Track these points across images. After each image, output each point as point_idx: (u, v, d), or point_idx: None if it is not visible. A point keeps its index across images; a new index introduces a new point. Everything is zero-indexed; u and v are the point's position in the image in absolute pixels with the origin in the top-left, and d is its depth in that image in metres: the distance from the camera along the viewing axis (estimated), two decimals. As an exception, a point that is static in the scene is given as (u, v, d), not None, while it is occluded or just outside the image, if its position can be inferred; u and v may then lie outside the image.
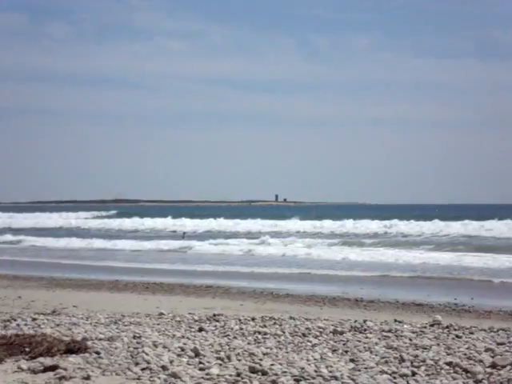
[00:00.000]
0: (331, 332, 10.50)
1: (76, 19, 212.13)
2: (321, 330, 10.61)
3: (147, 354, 8.51)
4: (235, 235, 47.82)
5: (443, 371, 8.09)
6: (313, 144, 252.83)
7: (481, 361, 8.52)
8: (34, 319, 11.53)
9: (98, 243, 40.97)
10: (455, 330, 10.91)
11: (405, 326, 11.21)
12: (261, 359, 8.48)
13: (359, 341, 9.79)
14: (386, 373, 7.95)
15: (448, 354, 8.92)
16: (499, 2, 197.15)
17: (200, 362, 8.29)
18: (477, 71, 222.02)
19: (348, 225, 51.97)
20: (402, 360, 8.50)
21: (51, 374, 7.75)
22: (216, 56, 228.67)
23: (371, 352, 9.02)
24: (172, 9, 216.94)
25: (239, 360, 8.44)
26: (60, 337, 9.38)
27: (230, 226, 56.95)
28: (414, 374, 7.92)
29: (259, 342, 9.71)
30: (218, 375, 7.75)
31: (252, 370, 7.89)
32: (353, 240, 41.50)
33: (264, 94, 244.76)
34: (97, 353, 8.61)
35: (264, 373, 7.83)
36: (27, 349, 8.65)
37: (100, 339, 9.57)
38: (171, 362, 8.26)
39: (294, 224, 55.23)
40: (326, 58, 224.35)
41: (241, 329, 10.76)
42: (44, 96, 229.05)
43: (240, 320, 11.69)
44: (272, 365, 8.14)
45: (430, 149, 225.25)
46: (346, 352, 9.05)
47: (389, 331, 10.63)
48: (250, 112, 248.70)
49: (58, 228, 62.61)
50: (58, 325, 10.95)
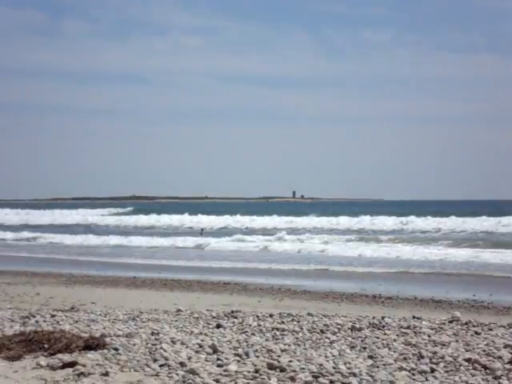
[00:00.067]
0: (349, 328, 10.47)
1: (92, 16, 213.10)
2: (339, 327, 10.58)
3: (165, 351, 8.52)
4: (252, 232, 47.81)
5: (462, 368, 8.05)
6: (330, 140, 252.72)
7: (500, 357, 8.48)
8: (53, 316, 11.55)
9: (115, 240, 41.07)
10: (474, 327, 10.85)
11: (423, 323, 11.16)
12: (279, 356, 8.46)
13: (377, 337, 9.75)
14: (405, 369, 7.92)
15: (467, 351, 8.88)
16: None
17: (218, 359, 8.28)
18: (499, 66, 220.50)
19: (365, 221, 51.91)
20: (421, 356, 8.47)
21: (70, 371, 7.77)
22: (232, 52, 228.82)
23: (389, 348, 9.00)
24: (188, 5, 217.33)
25: (257, 356, 8.43)
26: (78, 333, 9.40)
27: (247, 223, 57.05)
28: (433, 371, 7.90)
29: (277, 339, 9.69)
30: (236, 372, 7.74)
31: (270, 367, 7.88)
32: (370, 236, 41.46)
33: (281, 90, 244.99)
34: (115, 349, 8.62)
35: (282, 369, 7.81)
36: (46, 345, 8.68)
37: (118, 336, 9.59)
38: (189, 359, 8.26)
39: (311, 220, 55.23)
40: (344, 54, 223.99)
41: (259, 325, 10.75)
42: (60, 93, 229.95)
43: (258, 316, 11.67)
44: (290, 361, 8.12)
45: (447, 145, 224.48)
46: (365, 348, 9.02)
47: (407, 328, 10.59)
48: (267, 108, 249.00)
49: (75, 225, 62.81)
50: (77, 321, 10.97)
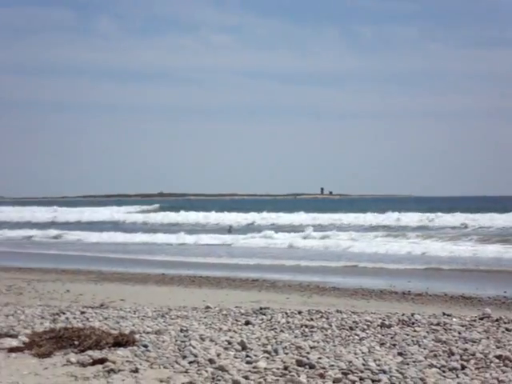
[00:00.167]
0: (379, 325, 10.42)
1: (122, 13, 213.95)
2: (368, 324, 10.53)
3: (194, 348, 8.54)
4: (279, 228, 47.74)
5: (493, 364, 7.99)
6: (358, 136, 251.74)
7: (531, 354, 8.40)
8: (83, 312, 11.63)
9: (143, 237, 41.24)
10: (505, 324, 10.75)
11: (453, 320, 11.08)
12: (308, 352, 8.44)
13: (407, 334, 9.70)
14: (435, 366, 7.87)
15: (498, 348, 8.80)
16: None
17: (247, 356, 8.28)
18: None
19: (392, 217, 51.64)
20: (451, 353, 8.40)
21: (100, 367, 7.81)
22: (261, 49, 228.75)
23: (419, 345, 8.94)
24: (217, 2, 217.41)
25: (286, 353, 8.41)
26: (108, 330, 9.45)
27: (274, 219, 57.00)
28: (464, 368, 7.83)
29: (306, 336, 9.67)
30: (266, 368, 7.73)
31: (299, 364, 7.86)
32: (397, 232, 41.21)
33: (309, 87, 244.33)
34: (145, 346, 8.65)
35: (311, 366, 7.79)
36: (76, 342, 8.73)
37: (147, 332, 9.63)
38: (218, 356, 8.27)
39: (338, 217, 55.07)
40: (372, 50, 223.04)
41: (287, 322, 10.73)
42: (90, 91, 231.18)
43: (287, 313, 11.65)
44: (319, 358, 8.10)
45: (477, 140, 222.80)
46: (394, 345, 8.97)
47: (437, 324, 10.51)
48: (296, 105, 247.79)
49: (102, 222, 63.14)
50: (106, 318, 11.03)
